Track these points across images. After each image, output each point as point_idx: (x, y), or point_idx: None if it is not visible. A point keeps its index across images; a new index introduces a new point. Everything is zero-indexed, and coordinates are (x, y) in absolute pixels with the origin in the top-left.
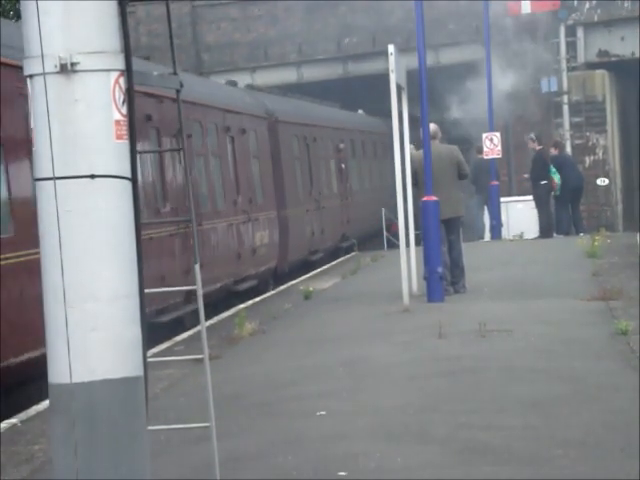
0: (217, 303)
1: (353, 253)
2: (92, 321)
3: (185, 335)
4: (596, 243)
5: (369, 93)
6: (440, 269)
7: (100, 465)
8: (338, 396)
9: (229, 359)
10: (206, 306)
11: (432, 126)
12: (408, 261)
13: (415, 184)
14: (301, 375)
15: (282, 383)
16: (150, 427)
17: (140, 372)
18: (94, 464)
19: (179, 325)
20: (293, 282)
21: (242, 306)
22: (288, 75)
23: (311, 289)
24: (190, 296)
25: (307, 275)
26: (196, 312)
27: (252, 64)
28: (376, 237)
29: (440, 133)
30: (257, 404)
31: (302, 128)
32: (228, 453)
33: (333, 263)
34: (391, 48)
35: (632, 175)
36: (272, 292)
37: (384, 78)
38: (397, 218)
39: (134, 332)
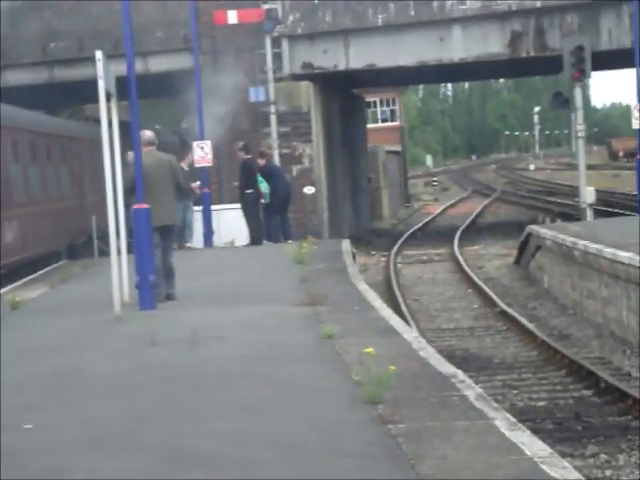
0: None
1: (62, 262)
2: None
3: None
4: (304, 250)
5: (77, 99)
6: (152, 277)
7: None
8: (47, 408)
9: None
10: None
11: (149, 133)
12: (120, 269)
13: (131, 192)
14: (7, 388)
15: None
16: None
17: None
18: None
19: None
20: None
21: None
22: None
23: (18, 299)
24: None
25: (13, 285)
26: None
27: None
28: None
29: (157, 140)
30: None
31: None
32: None
33: (41, 272)
34: (99, 54)
35: (336, 183)
36: None
37: (93, 84)
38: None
39: None
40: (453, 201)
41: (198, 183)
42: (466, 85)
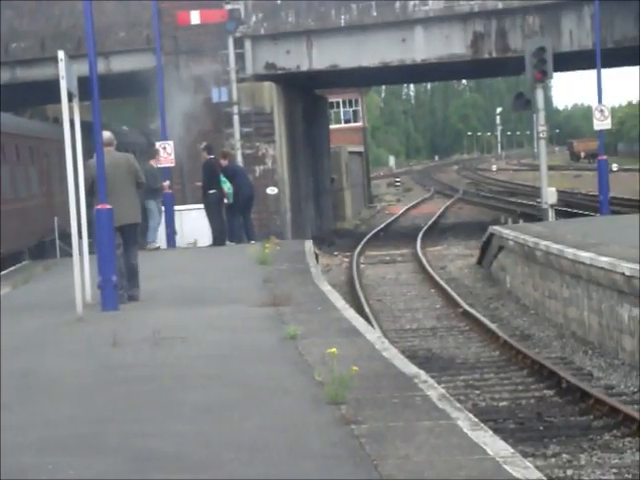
0: None
1: (24, 262)
2: None
3: None
4: (267, 250)
5: (39, 99)
6: (115, 277)
7: None
8: (8, 409)
9: None
10: None
11: (107, 134)
12: (82, 270)
13: (91, 192)
14: None
15: None
16: None
17: None
18: None
19: None
20: None
21: None
22: None
23: None
24: None
25: None
26: None
27: None
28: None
29: (115, 141)
30: None
31: None
32: None
33: (3, 272)
34: (61, 54)
35: (299, 184)
36: None
37: (55, 84)
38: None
39: None
40: (416, 202)
41: (167, 182)
42: (428, 86)
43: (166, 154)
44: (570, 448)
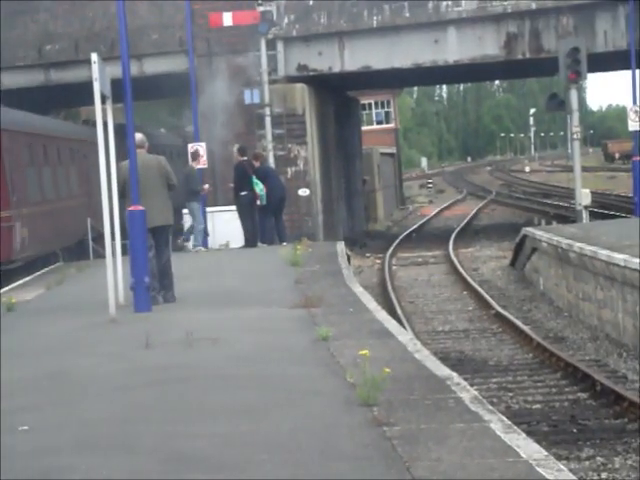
0: None
1: (58, 263)
2: None
3: None
4: (298, 252)
5: (72, 101)
6: (147, 279)
7: None
8: (42, 410)
9: None
10: None
11: (138, 135)
12: (114, 271)
13: (123, 195)
14: (2, 389)
15: None
16: None
17: None
18: None
19: None
20: None
21: None
22: None
23: (13, 300)
24: None
25: (10, 286)
26: None
27: None
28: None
29: (147, 142)
30: None
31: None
32: None
33: (37, 274)
34: (94, 57)
35: (331, 186)
36: None
37: (89, 86)
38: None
39: None
40: (448, 203)
41: (207, 186)
42: (461, 87)
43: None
44: (604, 451)
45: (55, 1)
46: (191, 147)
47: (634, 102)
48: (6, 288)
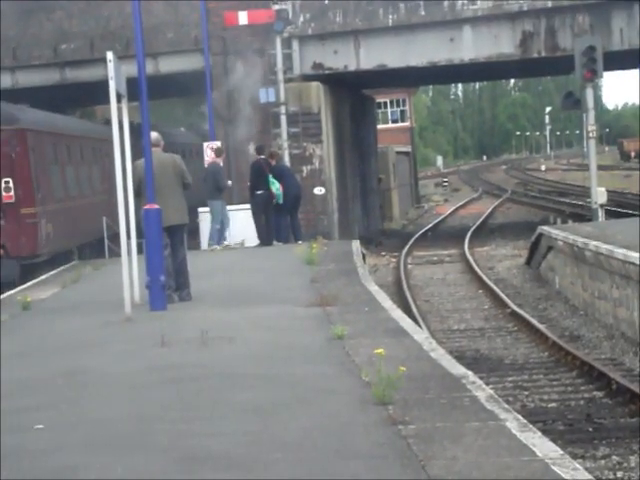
0: None
1: (73, 262)
2: None
3: None
4: (314, 250)
5: (88, 100)
6: (163, 277)
7: None
8: (57, 408)
9: None
10: None
11: (153, 134)
12: (130, 269)
13: (138, 193)
14: (18, 388)
15: None
16: None
17: None
18: None
19: None
20: (10, 292)
21: None
22: (2, 80)
23: (29, 299)
24: None
25: (24, 285)
26: None
27: None
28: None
29: (162, 141)
30: None
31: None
32: None
33: (52, 272)
34: (110, 55)
35: (346, 184)
36: None
37: (104, 85)
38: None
39: None
40: (463, 202)
41: (230, 183)
42: (476, 85)
43: (214, 154)
44: (620, 450)
45: (71, 0)
46: (206, 145)
47: None
48: (21, 287)
